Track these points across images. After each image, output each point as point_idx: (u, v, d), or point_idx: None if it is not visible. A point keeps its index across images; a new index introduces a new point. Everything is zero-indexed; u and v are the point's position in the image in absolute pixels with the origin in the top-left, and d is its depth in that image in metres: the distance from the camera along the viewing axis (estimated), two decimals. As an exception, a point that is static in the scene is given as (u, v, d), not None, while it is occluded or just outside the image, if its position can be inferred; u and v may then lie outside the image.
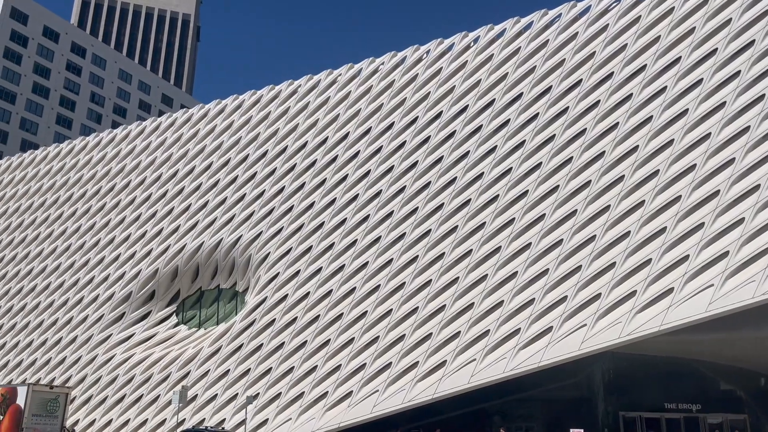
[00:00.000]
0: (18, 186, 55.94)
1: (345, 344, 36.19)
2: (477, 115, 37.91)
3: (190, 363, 41.08)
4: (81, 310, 47.33)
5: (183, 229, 45.32)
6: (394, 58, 42.59)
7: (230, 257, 43.22)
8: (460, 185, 36.56)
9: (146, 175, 48.93)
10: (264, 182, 43.49)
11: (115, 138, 52.36)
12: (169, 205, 46.80)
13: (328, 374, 35.97)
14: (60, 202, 52.49)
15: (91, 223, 49.92)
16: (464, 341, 32.65)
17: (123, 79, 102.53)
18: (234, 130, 46.49)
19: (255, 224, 42.56)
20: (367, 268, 37.35)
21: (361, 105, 42.04)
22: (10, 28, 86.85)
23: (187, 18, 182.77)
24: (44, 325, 48.50)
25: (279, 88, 46.32)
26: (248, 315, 40.46)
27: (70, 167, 53.48)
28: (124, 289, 46.03)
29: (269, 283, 40.65)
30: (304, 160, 42.55)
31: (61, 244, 50.74)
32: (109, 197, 50.00)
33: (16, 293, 51.53)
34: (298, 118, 44.20)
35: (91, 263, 48.51)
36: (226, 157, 45.88)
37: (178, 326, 44.71)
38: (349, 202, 39.78)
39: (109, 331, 45.54)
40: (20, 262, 52.57)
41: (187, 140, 48.32)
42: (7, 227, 54.81)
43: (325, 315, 37.52)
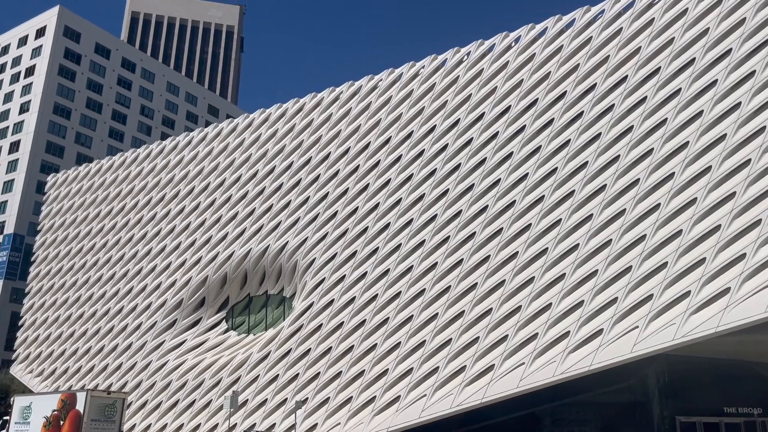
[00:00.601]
0: (74, 198, 58.09)
1: (392, 348, 36.21)
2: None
3: (240, 368, 41.82)
4: (135, 318, 48.80)
5: (231, 236, 46.22)
6: (435, 61, 42.48)
7: (277, 263, 43.84)
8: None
9: (194, 184, 50.12)
10: (308, 189, 43.97)
11: (164, 149, 53.83)
12: (217, 213, 47.81)
13: (376, 379, 36.05)
14: (113, 212, 54.25)
15: (143, 232, 51.42)
16: (512, 345, 32.21)
17: (171, 91, 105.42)
18: (278, 138, 47.18)
19: (300, 230, 43.06)
20: (411, 272, 37.29)
21: (402, 109, 42.06)
22: (64, 46, 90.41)
23: (231, 30, 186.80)
24: (101, 333, 50.18)
25: (321, 96, 46.79)
26: (296, 320, 40.93)
27: (122, 179, 55.24)
28: (175, 296, 47.23)
29: (315, 288, 41.04)
30: (347, 166, 42.82)
31: (116, 254, 52.43)
32: (159, 207, 51.41)
33: (74, 302, 53.50)
34: (340, 125, 44.54)
35: (144, 272, 49.96)
36: (271, 165, 46.58)
37: (228, 332, 45.58)
38: (392, 207, 39.83)
39: (162, 337, 46.78)
40: (77, 272, 54.55)
41: (233, 149, 49.28)
42: (64, 238, 56.97)
43: (371, 319, 37.63)
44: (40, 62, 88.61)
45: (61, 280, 55.38)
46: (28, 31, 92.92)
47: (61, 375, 50.96)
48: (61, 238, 57.37)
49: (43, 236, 59.31)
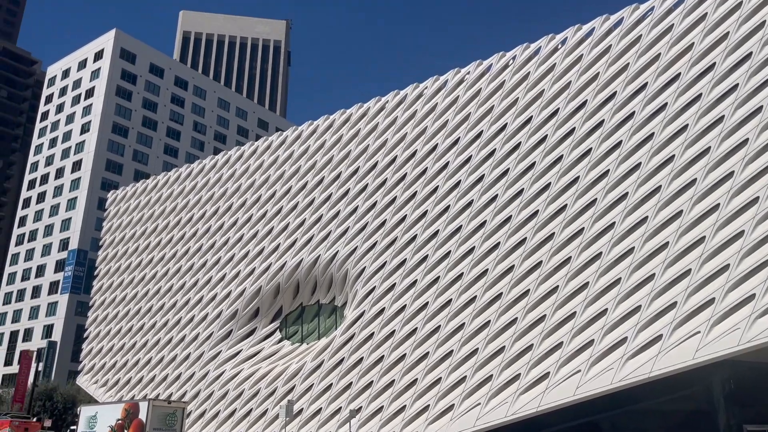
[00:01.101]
0: (133, 213, 60.19)
1: (444, 357, 35.99)
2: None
3: (294, 377, 42.33)
4: (193, 328, 50.08)
5: (283, 247, 46.97)
6: (480, 67, 42.26)
7: (328, 273, 44.27)
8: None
9: (246, 197, 51.21)
10: (357, 198, 44.31)
11: (217, 164, 55.23)
12: (269, 224, 48.68)
13: (429, 387, 35.88)
14: (170, 226, 55.93)
15: (198, 245, 52.81)
16: (567, 352, 31.54)
17: (222, 107, 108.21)
18: (326, 149, 47.76)
19: (350, 240, 43.39)
20: (462, 279, 37.04)
21: (449, 116, 41.97)
22: (120, 67, 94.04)
23: (278, 44, 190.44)
24: (161, 343, 51.69)
25: (367, 105, 47.15)
26: (348, 329, 41.18)
27: (177, 193, 56.92)
28: (230, 307, 48.27)
29: (366, 297, 41.23)
30: (395, 174, 42.96)
31: (173, 267, 53.99)
32: (213, 220, 52.73)
33: (134, 314, 55.32)
34: (387, 133, 44.75)
35: (200, 283, 51.27)
36: (319, 176, 47.17)
37: (281, 342, 46.24)
38: (440, 214, 39.71)
39: (218, 347, 47.83)
40: (137, 285, 56.41)
41: (282, 161, 50.15)
42: (124, 252, 59.04)
43: (423, 327, 37.52)
44: (99, 84, 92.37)
45: (122, 293, 57.36)
46: (87, 54, 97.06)
47: (124, 385, 52.67)
48: (121, 252, 59.47)
49: (104, 251, 61.63)
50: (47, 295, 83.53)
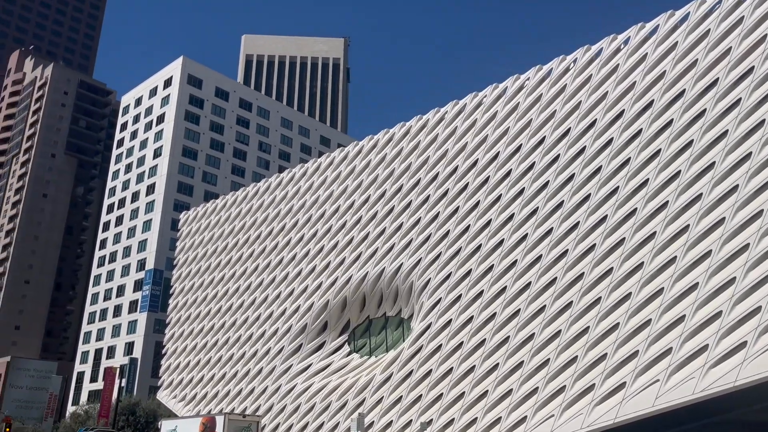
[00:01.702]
0: (204, 233, 62.35)
1: (514, 368, 35.37)
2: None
3: (364, 390, 42.57)
4: (264, 343, 51.23)
5: (348, 261, 47.51)
6: (540, 72, 41.66)
7: (393, 285, 44.42)
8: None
9: (311, 212, 52.16)
10: (419, 210, 44.36)
11: (282, 181, 56.57)
12: (333, 239, 49.39)
13: (500, 399, 35.31)
14: (239, 244, 57.59)
15: (267, 261, 54.12)
16: (644, 361, 30.36)
17: (285, 126, 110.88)
18: (387, 162, 48.12)
19: (414, 251, 43.43)
20: (530, 289, 36.37)
21: (509, 123, 41.51)
22: (188, 93, 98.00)
23: (337, 62, 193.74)
24: (234, 358, 53.11)
25: (426, 117, 47.26)
26: (415, 341, 41.12)
27: (245, 212, 58.62)
28: (300, 321, 49.13)
29: (432, 308, 41.09)
30: (456, 184, 42.78)
31: (243, 283, 55.51)
32: (280, 236, 53.95)
33: (208, 330, 57.11)
34: (447, 144, 44.68)
35: (270, 299, 52.47)
36: (381, 189, 47.54)
37: (350, 355, 46.64)
38: (504, 222, 39.22)
39: (289, 362, 48.72)
40: (210, 302, 58.28)
41: (345, 176, 50.86)
42: (197, 271, 61.16)
43: (491, 338, 37.02)
44: (169, 110, 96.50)
45: (196, 310, 59.36)
46: (157, 82, 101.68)
47: (202, 399, 54.34)
48: (194, 270, 61.63)
49: (178, 270, 64.03)
50: (127, 313, 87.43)
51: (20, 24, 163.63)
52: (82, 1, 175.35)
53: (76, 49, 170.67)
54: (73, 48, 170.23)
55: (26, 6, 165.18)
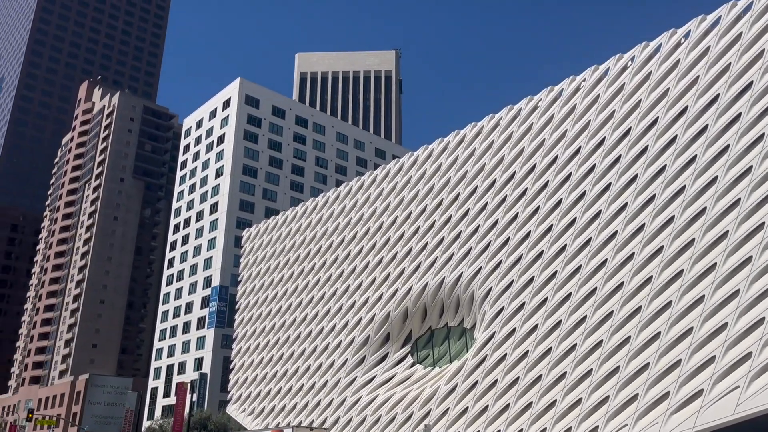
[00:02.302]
0: (266, 248, 63.63)
1: (583, 376, 34.36)
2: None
3: (429, 401, 42.25)
4: (328, 356, 51.67)
5: (408, 271, 47.45)
6: (596, 72, 40.70)
7: (454, 295, 44.04)
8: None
9: (369, 225, 52.46)
10: (477, 218, 43.91)
11: (340, 195, 57.19)
12: (392, 250, 49.46)
13: (569, 409, 34.35)
14: (300, 258, 58.47)
15: (328, 274, 54.71)
16: (721, 366, 28.90)
17: (340, 140, 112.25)
18: (443, 171, 47.93)
19: (474, 260, 42.97)
20: (596, 295, 35.34)
21: (567, 126, 40.68)
22: (246, 113, 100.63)
23: (389, 74, 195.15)
24: (300, 372, 53.79)
25: (481, 124, 46.87)
26: (479, 351, 40.58)
27: (305, 226, 59.52)
28: (362, 333, 49.34)
29: (495, 317, 40.48)
30: (515, 191, 42.15)
31: (306, 297, 56.26)
32: (340, 249, 54.47)
33: (274, 344, 58.10)
34: (503, 150, 44.13)
35: (332, 312, 52.96)
36: (438, 199, 47.35)
37: (414, 366, 46.44)
38: (566, 227, 38.33)
39: (354, 374, 48.93)
40: (275, 317, 59.31)
41: (401, 187, 50.95)
42: (261, 286, 62.42)
43: (557, 347, 36.13)
44: (228, 130, 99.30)
45: (261, 325, 60.52)
46: (216, 104, 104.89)
47: (269, 413, 55.22)
48: (258, 286, 62.92)
49: (243, 285, 65.52)
50: (196, 330, 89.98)
51: (88, 56, 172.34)
52: (144, 31, 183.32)
53: (140, 77, 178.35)
54: (137, 76, 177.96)
55: (92, 38, 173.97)
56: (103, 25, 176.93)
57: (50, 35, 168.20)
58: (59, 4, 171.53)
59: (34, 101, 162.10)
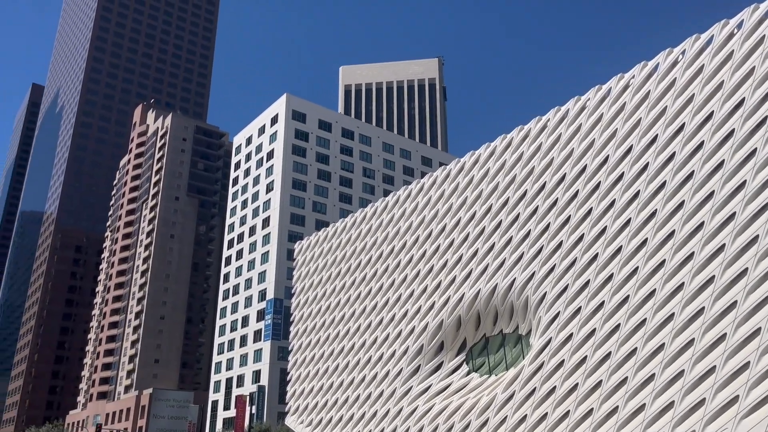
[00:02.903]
0: (318, 260, 64.35)
1: (645, 381, 33.32)
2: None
3: (487, 410, 41.73)
4: (383, 366, 51.72)
5: (459, 279, 47.14)
6: (646, 68, 39.70)
7: (508, 301, 43.47)
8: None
9: (418, 233, 52.41)
10: (528, 222, 43.30)
11: (388, 205, 57.39)
12: (442, 258, 49.25)
13: (632, 415, 33.34)
14: (351, 269, 58.87)
15: (379, 284, 54.87)
16: (794, 368, 27.57)
17: (387, 150, 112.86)
18: (491, 176, 47.52)
19: (526, 265, 42.35)
20: (655, 296, 34.28)
21: (617, 124, 39.77)
22: (294, 128, 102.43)
23: (433, 82, 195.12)
24: (355, 382, 54.01)
25: (528, 127, 46.30)
26: (536, 358, 39.89)
27: (355, 237, 59.93)
28: (416, 342, 49.20)
29: (551, 323, 39.74)
30: (565, 193, 41.40)
31: (358, 307, 56.56)
32: (390, 259, 54.58)
33: (329, 355, 58.56)
34: (552, 152, 43.46)
35: (384, 321, 53.04)
36: (487, 204, 46.94)
37: (470, 374, 45.99)
38: (621, 228, 37.38)
39: (409, 383, 48.81)
40: (328, 328, 59.80)
41: (449, 195, 50.75)
42: (314, 298, 63.10)
43: (617, 351, 35.17)
44: (277, 146, 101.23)
45: (316, 336, 61.13)
46: (264, 121, 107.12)
47: (327, 424, 55.61)
48: (311, 297, 63.64)
49: (296, 298, 66.39)
50: (252, 343, 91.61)
51: (141, 81, 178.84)
52: (193, 53, 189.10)
53: (191, 98, 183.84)
54: (188, 97, 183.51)
55: (145, 63, 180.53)
56: (155, 50, 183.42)
57: (105, 63, 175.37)
58: (113, 32, 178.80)
59: (93, 127, 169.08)
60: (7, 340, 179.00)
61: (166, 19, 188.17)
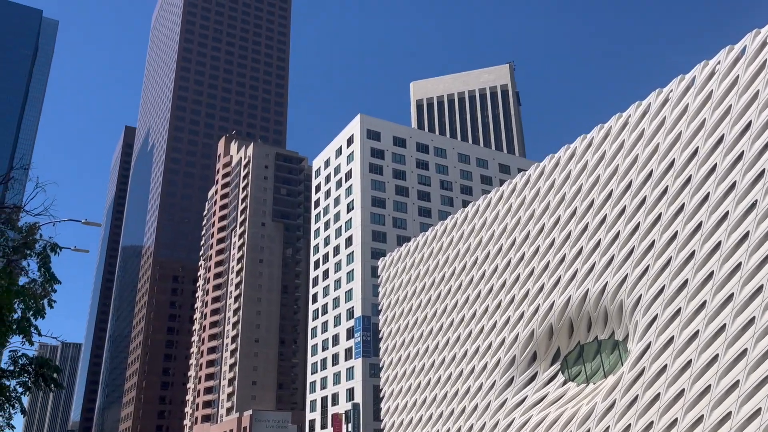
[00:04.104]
0: (402, 276, 64.59)
1: (759, 383, 31.13)
2: None
3: (587, 420, 40.27)
4: (475, 379, 51.04)
5: (548, 286, 45.97)
6: (731, 52, 37.59)
7: (601, 306, 41.95)
8: None
9: (501, 242, 51.61)
10: (617, 223, 41.74)
11: (468, 216, 56.94)
12: (528, 266, 48.23)
13: (746, 421, 31.20)
14: (436, 282, 58.67)
15: (465, 296, 54.37)
16: None
17: (462, 161, 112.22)
18: (573, 179, 46.26)
19: (618, 268, 40.77)
20: (762, 293, 32.05)
21: (705, 114, 37.80)
22: (369, 147, 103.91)
23: (505, 88, 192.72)
24: (448, 397, 53.55)
25: (608, 125, 44.82)
26: (636, 363, 38.18)
27: (437, 251, 59.77)
28: (507, 354, 48.28)
29: (649, 326, 37.96)
30: (654, 190, 39.65)
31: (446, 321, 56.22)
32: (474, 270, 54.00)
33: (419, 371, 58.43)
34: (636, 149, 41.82)
35: (473, 334, 52.42)
36: (571, 208, 45.67)
37: (566, 384, 44.59)
38: (718, 223, 35.32)
39: (503, 396, 47.88)
40: (417, 343, 59.74)
41: (530, 201, 49.77)
42: (401, 313, 63.30)
43: (725, 353, 33.10)
44: (354, 166, 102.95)
45: (406, 352, 61.22)
46: (340, 142, 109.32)
47: (422, 439, 55.36)
48: (398, 313, 63.89)
49: (384, 314, 66.82)
50: (344, 361, 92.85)
51: (222, 114, 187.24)
52: (269, 83, 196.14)
53: (269, 126, 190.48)
54: (267, 125, 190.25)
55: (225, 98, 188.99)
56: (233, 84, 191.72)
57: (189, 100, 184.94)
58: (194, 71, 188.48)
59: (181, 162, 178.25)
60: (117, 369, 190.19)
61: (242, 54, 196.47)
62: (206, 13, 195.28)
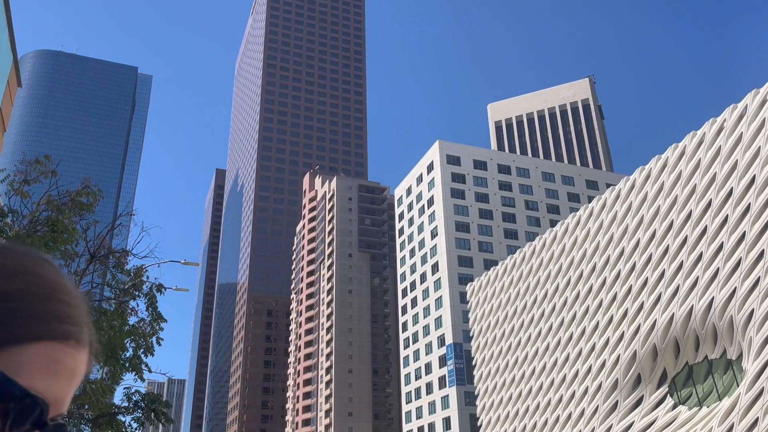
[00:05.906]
0: (491, 301, 63.49)
1: None
2: None
3: (702, 447, 37.64)
4: (576, 405, 49.01)
5: (647, 305, 43.77)
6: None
7: (708, 323, 39.40)
8: None
9: (594, 261, 49.79)
10: (719, 234, 39.33)
11: (556, 236, 55.42)
12: (625, 284, 46.18)
13: None
14: (527, 306, 57.22)
15: (559, 319, 52.64)
16: None
17: (547, 179, 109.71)
18: (666, 190, 44.17)
19: (724, 282, 38.27)
20: None
21: (810, 111, 35.25)
22: (450, 172, 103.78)
23: (586, 102, 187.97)
24: (549, 424, 51.63)
25: (702, 131, 42.63)
26: (753, 383, 35.43)
27: (526, 273, 58.42)
28: (609, 377, 46.13)
29: (766, 342, 35.21)
30: (759, 196, 37.13)
31: (541, 345, 54.55)
32: (567, 291, 52.28)
33: (516, 398, 56.81)
34: (735, 154, 39.43)
35: (571, 357, 50.51)
36: (668, 221, 43.52)
37: (676, 408, 41.98)
38: (837, 227, 32.56)
39: (608, 421, 45.65)
40: (512, 369, 58.21)
41: (622, 216, 47.88)
42: (493, 339, 62.03)
43: None
44: (436, 192, 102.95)
45: (501, 378, 59.78)
46: (420, 170, 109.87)
47: (524, 469, 53.53)
48: (490, 339, 62.66)
49: (476, 341, 65.74)
50: (438, 389, 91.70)
51: (305, 150, 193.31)
52: (348, 117, 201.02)
53: (351, 159, 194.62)
54: (348, 159, 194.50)
55: (307, 135, 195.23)
56: (314, 121, 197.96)
57: (273, 140, 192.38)
58: (277, 112, 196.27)
59: (269, 200, 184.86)
60: (219, 403, 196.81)
61: (321, 90, 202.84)
62: (285, 55, 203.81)
